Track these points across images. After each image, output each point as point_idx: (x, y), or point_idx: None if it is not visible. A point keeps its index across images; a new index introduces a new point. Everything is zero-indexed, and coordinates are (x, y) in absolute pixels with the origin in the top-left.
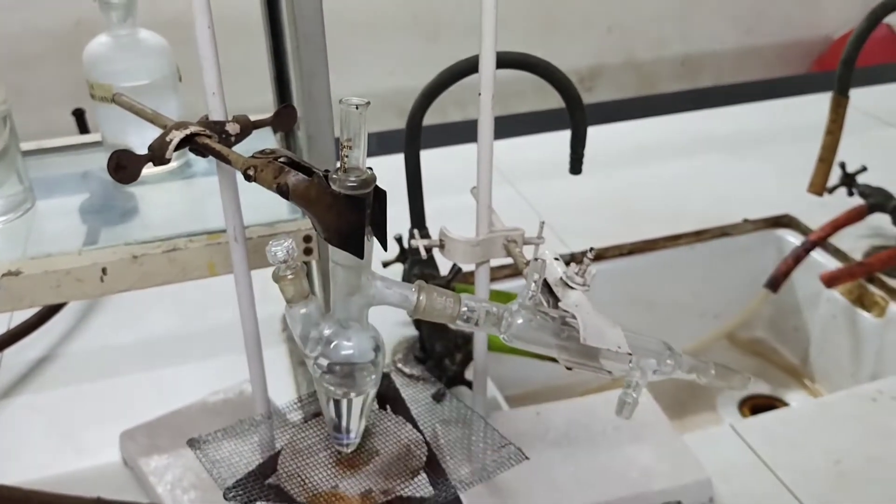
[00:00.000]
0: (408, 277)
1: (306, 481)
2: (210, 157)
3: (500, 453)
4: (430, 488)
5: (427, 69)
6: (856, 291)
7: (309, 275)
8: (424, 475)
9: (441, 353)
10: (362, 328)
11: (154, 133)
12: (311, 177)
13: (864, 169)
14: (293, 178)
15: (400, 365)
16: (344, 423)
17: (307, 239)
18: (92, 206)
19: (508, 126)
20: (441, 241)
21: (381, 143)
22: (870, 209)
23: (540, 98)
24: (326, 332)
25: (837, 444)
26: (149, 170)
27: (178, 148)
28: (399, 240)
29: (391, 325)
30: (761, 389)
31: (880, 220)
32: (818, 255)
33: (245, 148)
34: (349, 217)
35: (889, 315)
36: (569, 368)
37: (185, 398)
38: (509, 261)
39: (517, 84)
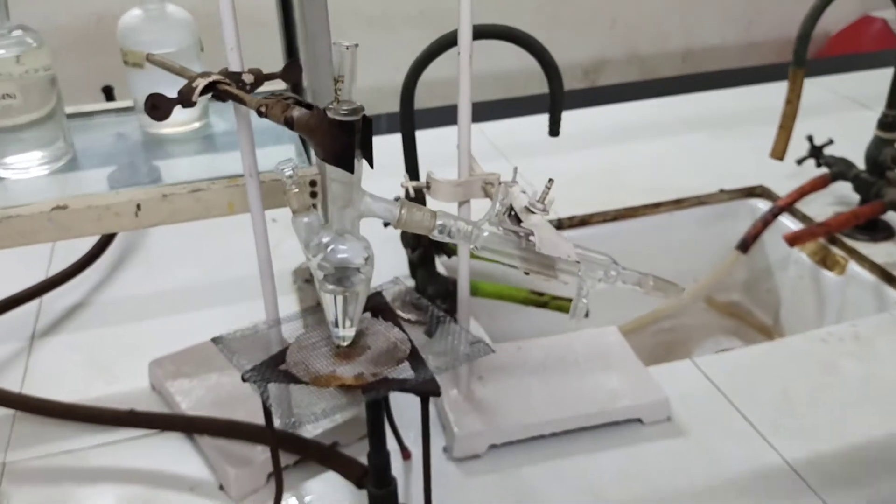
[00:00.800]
0: (412, 236)
1: (310, 367)
2: (229, 114)
3: (472, 348)
4: (412, 373)
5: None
6: (820, 253)
7: None
8: (407, 363)
9: (432, 296)
10: (355, 237)
11: (169, 92)
12: (311, 110)
13: (830, 142)
14: (297, 112)
15: (399, 311)
16: (340, 318)
17: (313, 183)
18: (125, 159)
19: (508, 108)
20: (428, 182)
21: (390, 125)
22: (833, 177)
23: (539, 84)
24: (325, 239)
25: (786, 375)
26: (175, 129)
27: (202, 93)
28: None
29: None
30: (735, 346)
31: (844, 187)
32: (786, 219)
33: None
34: (342, 140)
35: (848, 273)
36: (526, 273)
37: (205, 337)
38: None
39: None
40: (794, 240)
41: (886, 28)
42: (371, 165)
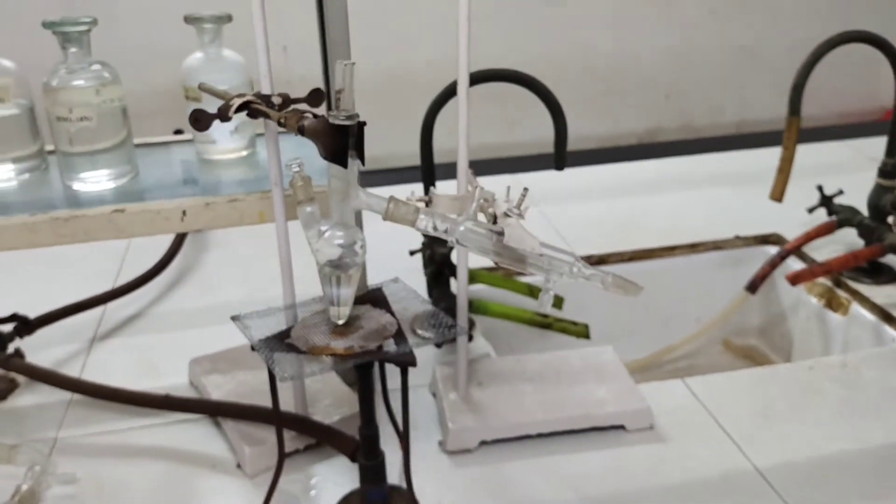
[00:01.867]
0: (423, 253)
1: (309, 341)
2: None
3: (450, 331)
4: (395, 348)
5: None
6: (826, 295)
7: None
8: (392, 341)
9: (443, 310)
10: (350, 227)
11: (222, 124)
12: (317, 119)
13: (840, 192)
14: (307, 121)
15: (419, 330)
16: (336, 297)
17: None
18: (180, 177)
19: (542, 162)
20: (430, 197)
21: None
22: (839, 224)
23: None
24: (324, 227)
25: (768, 395)
26: (226, 155)
27: (237, 111)
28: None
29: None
30: None
31: (853, 234)
32: (794, 262)
33: None
34: (339, 140)
35: (851, 313)
36: (496, 264)
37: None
38: None
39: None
40: (795, 279)
41: None
42: (362, 163)
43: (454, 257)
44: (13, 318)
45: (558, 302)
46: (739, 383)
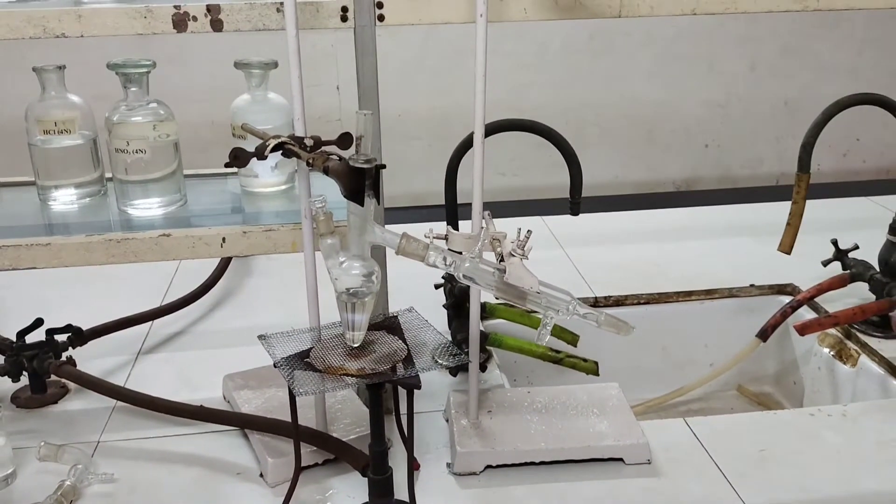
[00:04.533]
0: (448, 291)
1: (326, 361)
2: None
3: (455, 358)
4: (403, 371)
5: None
6: (837, 346)
7: None
8: (401, 365)
9: (460, 342)
10: (366, 259)
11: (265, 160)
12: (339, 161)
13: (855, 247)
14: (331, 162)
15: (437, 359)
16: (351, 322)
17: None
18: (225, 207)
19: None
20: (446, 234)
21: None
22: (852, 278)
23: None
24: (342, 259)
25: (767, 438)
26: (268, 189)
27: (272, 150)
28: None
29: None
30: None
31: (864, 287)
32: (806, 312)
33: None
34: (357, 180)
35: (860, 365)
36: (497, 298)
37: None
38: None
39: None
40: (803, 329)
41: None
42: (378, 202)
43: None
44: (68, 328)
45: (573, 339)
46: (740, 425)
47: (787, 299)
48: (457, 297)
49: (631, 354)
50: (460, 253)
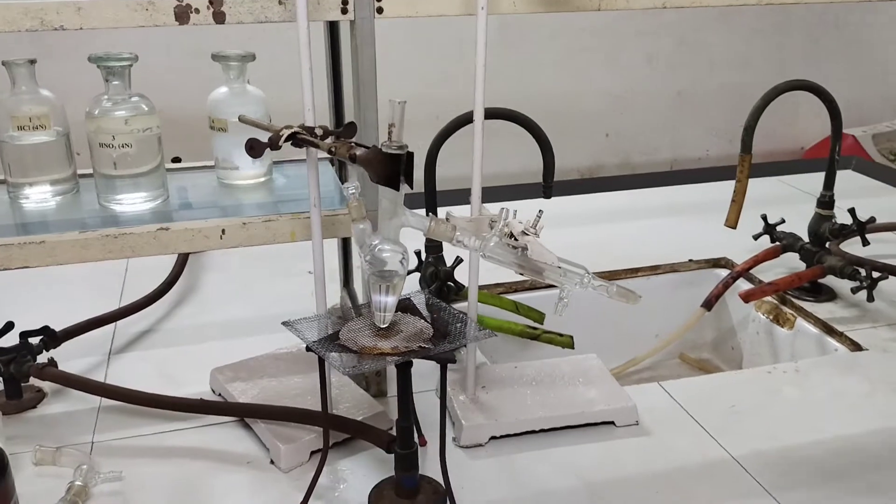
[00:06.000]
0: (424, 271)
1: (357, 342)
2: (289, 171)
3: (480, 333)
4: (431, 350)
5: None
6: (773, 311)
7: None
8: (431, 342)
9: None
10: (396, 243)
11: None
12: (367, 150)
13: (782, 221)
14: (359, 150)
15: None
16: (382, 303)
17: None
18: (207, 200)
19: (522, 192)
20: (447, 217)
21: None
22: (783, 249)
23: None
24: (374, 242)
25: (735, 396)
26: (247, 181)
27: (286, 140)
28: (418, 253)
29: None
30: None
31: (794, 258)
32: (743, 283)
33: None
34: (392, 167)
35: (797, 327)
36: (521, 274)
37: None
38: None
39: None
40: (747, 296)
41: (856, 143)
42: (411, 187)
43: (457, 274)
44: (42, 330)
45: (540, 317)
46: (709, 386)
47: (722, 272)
48: (442, 280)
49: (585, 330)
50: (485, 235)
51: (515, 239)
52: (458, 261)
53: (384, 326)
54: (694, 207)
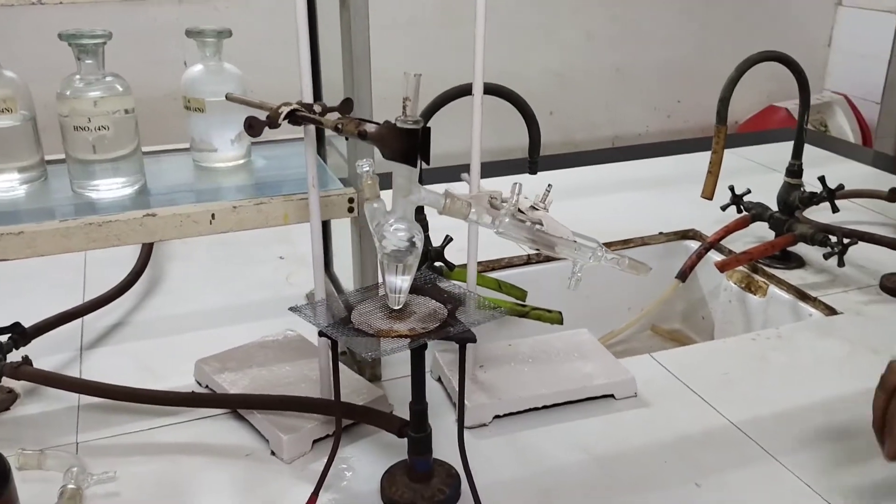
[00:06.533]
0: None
1: (372, 325)
2: (268, 153)
3: (493, 313)
4: (450, 330)
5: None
6: (745, 280)
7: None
8: (447, 322)
9: None
10: (410, 222)
11: (224, 133)
12: (377, 125)
13: (748, 191)
14: (369, 126)
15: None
16: (396, 285)
17: (350, 200)
18: (186, 185)
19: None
20: (446, 193)
21: None
22: (752, 219)
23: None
24: (389, 221)
25: (726, 364)
26: (226, 163)
27: (285, 118)
28: None
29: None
30: None
31: (762, 227)
32: (714, 254)
33: None
34: (408, 142)
35: (769, 294)
36: (536, 251)
37: (230, 347)
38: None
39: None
40: (723, 266)
41: (789, 116)
42: (427, 163)
43: (447, 253)
44: (13, 328)
45: (522, 294)
46: (699, 356)
47: (691, 243)
48: (433, 259)
49: (558, 305)
50: (498, 212)
51: (524, 214)
52: (448, 239)
53: (397, 308)
54: (653, 182)
